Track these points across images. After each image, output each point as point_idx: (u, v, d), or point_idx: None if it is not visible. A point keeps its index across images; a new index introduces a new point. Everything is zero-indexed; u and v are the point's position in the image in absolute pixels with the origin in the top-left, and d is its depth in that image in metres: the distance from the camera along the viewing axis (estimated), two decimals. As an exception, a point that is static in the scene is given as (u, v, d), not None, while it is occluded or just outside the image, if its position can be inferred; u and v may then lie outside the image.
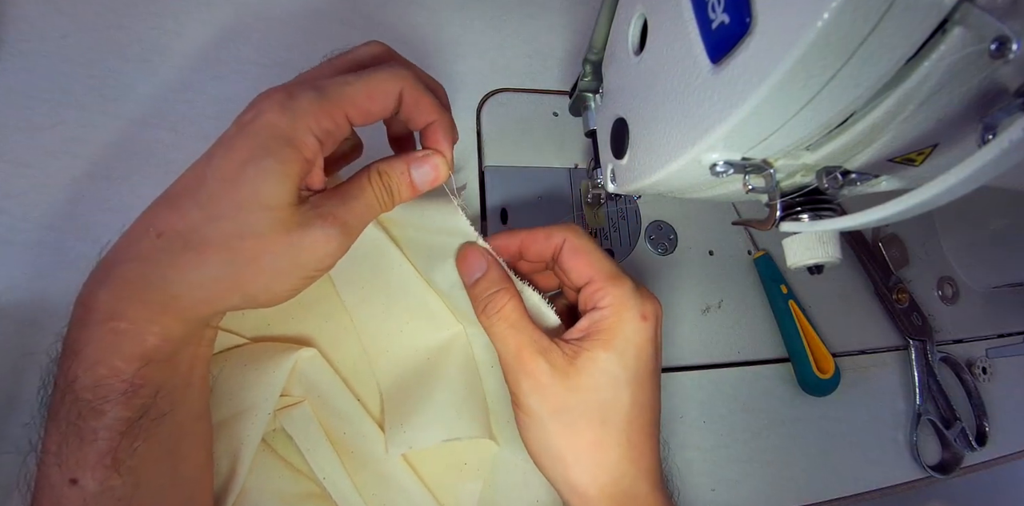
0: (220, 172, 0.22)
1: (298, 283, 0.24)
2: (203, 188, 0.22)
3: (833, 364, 0.38)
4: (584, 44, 0.31)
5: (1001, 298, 0.48)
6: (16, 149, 0.30)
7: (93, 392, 0.21)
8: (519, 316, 0.27)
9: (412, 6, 0.40)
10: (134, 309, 0.22)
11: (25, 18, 0.32)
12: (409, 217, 0.30)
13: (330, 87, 0.23)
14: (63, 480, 0.21)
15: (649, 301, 0.27)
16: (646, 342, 0.27)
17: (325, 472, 0.28)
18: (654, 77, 0.24)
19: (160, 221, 0.22)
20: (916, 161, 0.21)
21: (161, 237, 0.22)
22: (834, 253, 0.24)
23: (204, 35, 0.35)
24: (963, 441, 0.41)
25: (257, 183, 0.21)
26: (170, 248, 0.22)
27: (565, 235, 0.28)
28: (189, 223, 0.22)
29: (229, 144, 0.22)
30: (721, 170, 0.21)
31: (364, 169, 0.25)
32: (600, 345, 0.26)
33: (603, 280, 0.27)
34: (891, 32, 0.15)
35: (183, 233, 0.22)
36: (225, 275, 0.22)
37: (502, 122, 0.39)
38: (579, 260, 0.28)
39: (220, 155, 0.22)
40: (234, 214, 0.22)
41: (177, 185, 0.23)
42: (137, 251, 0.22)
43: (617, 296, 0.27)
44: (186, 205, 0.22)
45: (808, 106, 0.18)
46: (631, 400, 0.26)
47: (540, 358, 0.26)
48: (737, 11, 0.18)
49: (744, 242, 0.41)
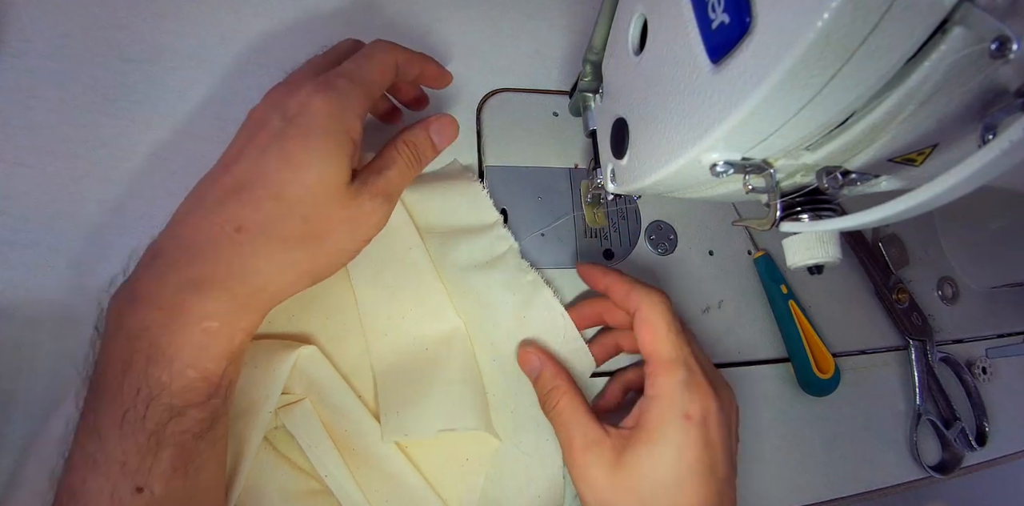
0: (285, 162, 0.23)
1: (352, 256, 0.26)
2: (269, 179, 0.23)
3: (833, 364, 0.38)
4: (584, 44, 0.31)
5: (1001, 298, 0.48)
6: (16, 149, 0.30)
7: (181, 397, 0.21)
8: (572, 411, 0.28)
9: (412, 6, 0.40)
10: (225, 307, 0.22)
11: (25, 18, 0.32)
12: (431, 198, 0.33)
13: (353, 72, 0.25)
14: (128, 489, 0.21)
15: (698, 397, 0.26)
16: (690, 444, 0.25)
17: (327, 469, 0.28)
18: (654, 77, 0.24)
19: (235, 217, 0.23)
20: (916, 161, 0.21)
21: (241, 231, 0.22)
22: (834, 253, 0.24)
23: (204, 35, 0.35)
24: (963, 441, 0.41)
25: (323, 168, 0.23)
26: (253, 241, 0.22)
27: (639, 304, 0.29)
28: (267, 214, 0.23)
29: (283, 135, 0.23)
30: (721, 170, 0.21)
31: (391, 141, 0.27)
32: (642, 443, 0.26)
33: (657, 364, 0.27)
34: (891, 32, 0.15)
35: (263, 224, 0.23)
36: (303, 259, 0.24)
37: (502, 122, 0.39)
38: (644, 334, 0.28)
39: (278, 146, 0.23)
40: (308, 199, 0.23)
41: (226, 181, 0.23)
42: (217, 250, 0.22)
43: (664, 388, 0.27)
44: (258, 197, 0.23)
45: (808, 106, 0.18)
46: (671, 504, 0.25)
47: (589, 453, 0.27)
48: (737, 11, 0.18)
49: (744, 242, 0.41)
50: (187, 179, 0.32)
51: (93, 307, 0.29)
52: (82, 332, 0.29)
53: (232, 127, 0.27)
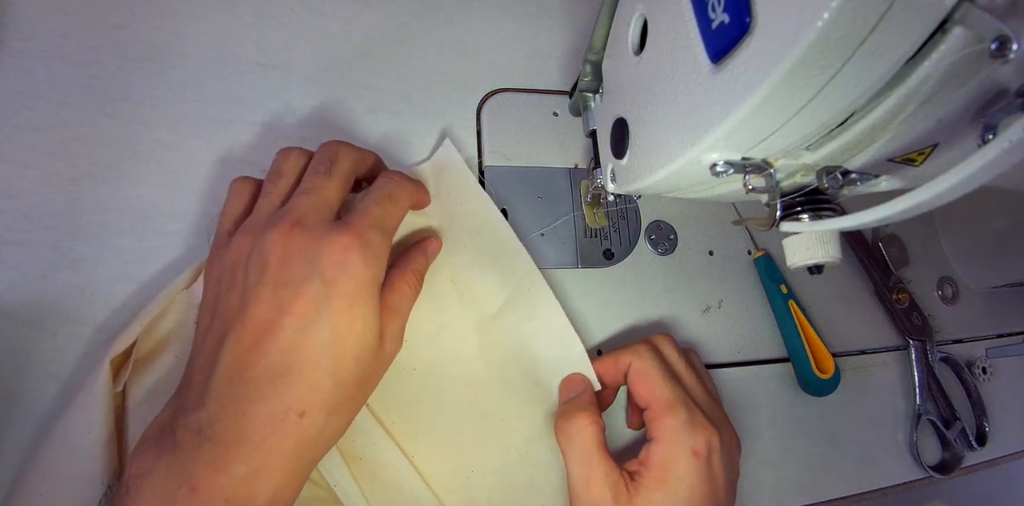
0: (335, 336, 0.24)
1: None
2: (321, 357, 0.23)
3: (833, 364, 0.38)
4: (584, 44, 0.31)
5: (1001, 298, 0.48)
6: (16, 149, 0.30)
7: None
8: (595, 446, 0.28)
9: (412, 5, 0.40)
10: (280, 484, 0.23)
11: (25, 18, 0.32)
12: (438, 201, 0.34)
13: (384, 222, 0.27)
14: None
15: (702, 434, 0.27)
16: (699, 481, 0.27)
17: (335, 479, 0.28)
18: (654, 77, 0.24)
19: (296, 403, 0.23)
20: (916, 161, 0.21)
21: (304, 416, 0.23)
22: (834, 253, 0.24)
23: (204, 35, 0.35)
24: (963, 441, 0.41)
25: (367, 333, 0.25)
26: (315, 423, 0.23)
27: (631, 358, 0.30)
28: (326, 393, 0.23)
29: (328, 307, 0.24)
30: (721, 170, 0.21)
31: (398, 274, 0.29)
32: (655, 484, 0.27)
33: (657, 408, 0.28)
34: (891, 32, 0.15)
35: (324, 405, 0.23)
36: (352, 413, 0.26)
37: (502, 122, 0.39)
38: (640, 385, 0.29)
39: (326, 321, 0.23)
40: (359, 368, 0.25)
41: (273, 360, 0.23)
42: (283, 438, 0.23)
43: (668, 429, 0.28)
44: (314, 379, 0.23)
45: (808, 106, 0.17)
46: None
47: (608, 491, 0.27)
48: (737, 11, 0.18)
49: (744, 242, 0.41)
50: (187, 179, 0.32)
51: (93, 307, 0.29)
52: (82, 332, 0.29)
53: (232, 127, 0.27)
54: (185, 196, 0.32)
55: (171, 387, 0.26)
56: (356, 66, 0.37)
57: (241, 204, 0.28)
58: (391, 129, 0.37)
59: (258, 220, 0.26)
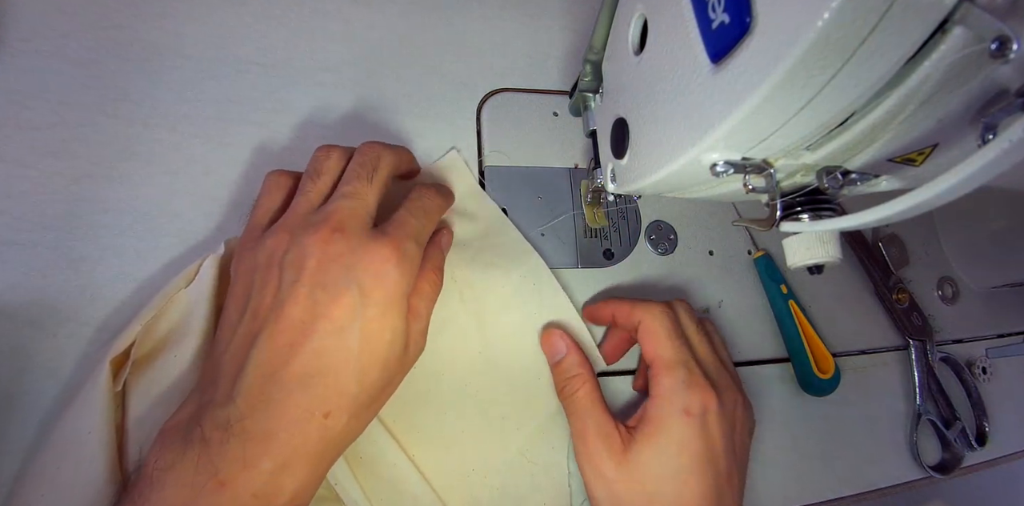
0: (366, 344, 0.24)
1: None
2: (350, 364, 0.24)
3: (833, 364, 0.38)
4: (584, 44, 0.31)
5: (1001, 298, 0.48)
6: (16, 149, 0.30)
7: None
8: (590, 401, 0.30)
9: (412, 5, 0.40)
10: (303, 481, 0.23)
11: (25, 18, 0.32)
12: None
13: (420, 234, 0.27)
14: None
15: (697, 394, 0.28)
16: (691, 438, 0.27)
17: (336, 477, 0.28)
18: (654, 77, 0.24)
19: (323, 404, 0.23)
20: (916, 161, 0.21)
21: (329, 417, 0.23)
22: (834, 253, 0.24)
23: (204, 35, 0.35)
24: (963, 441, 0.41)
25: (396, 341, 0.25)
26: (336, 425, 0.24)
27: (643, 316, 0.31)
28: (351, 397, 0.24)
29: (363, 316, 0.24)
30: (721, 170, 0.21)
31: (420, 275, 0.28)
32: (646, 439, 0.28)
33: (659, 366, 0.29)
34: (891, 32, 0.15)
35: (349, 408, 0.24)
36: (373, 414, 0.26)
37: (502, 122, 0.39)
38: (646, 342, 0.30)
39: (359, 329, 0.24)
40: (386, 374, 0.25)
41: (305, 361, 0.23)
42: (306, 436, 0.23)
43: (664, 387, 0.29)
44: (343, 383, 0.24)
45: (808, 106, 0.17)
46: (675, 495, 0.27)
47: (600, 443, 0.28)
48: (737, 11, 0.18)
49: (744, 242, 0.41)
50: (187, 179, 0.32)
51: (93, 307, 0.29)
52: (82, 332, 0.29)
53: (232, 127, 0.27)
54: (185, 196, 0.32)
55: (171, 386, 0.26)
56: (356, 66, 0.37)
57: (279, 198, 0.28)
58: (391, 129, 0.37)
59: (296, 218, 0.26)
